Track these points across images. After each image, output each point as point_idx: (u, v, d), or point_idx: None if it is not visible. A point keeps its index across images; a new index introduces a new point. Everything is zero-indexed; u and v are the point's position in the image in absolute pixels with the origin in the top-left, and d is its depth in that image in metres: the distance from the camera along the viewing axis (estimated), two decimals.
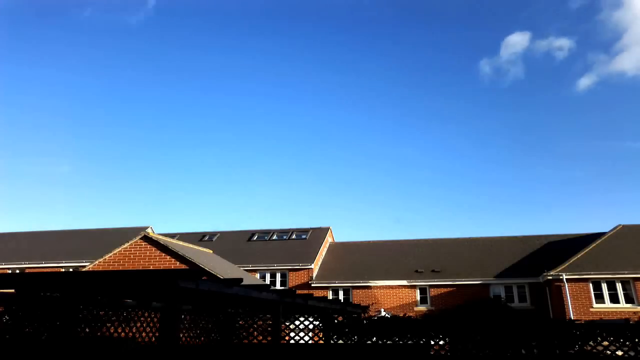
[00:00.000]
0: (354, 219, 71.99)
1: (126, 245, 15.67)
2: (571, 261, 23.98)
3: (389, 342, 8.16)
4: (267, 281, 28.83)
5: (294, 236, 34.01)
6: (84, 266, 17.14)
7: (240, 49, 74.14)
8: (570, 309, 22.81)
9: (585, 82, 65.83)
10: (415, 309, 26.37)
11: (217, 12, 73.67)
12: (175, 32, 73.59)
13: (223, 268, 17.18)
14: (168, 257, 15.22)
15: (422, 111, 70.99)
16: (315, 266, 29.66)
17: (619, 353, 7.39)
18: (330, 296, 27.68)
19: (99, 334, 7.42)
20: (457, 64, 68.61)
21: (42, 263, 30.72)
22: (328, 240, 33.79)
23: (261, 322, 9.17)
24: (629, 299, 22.95)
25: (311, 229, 34.61)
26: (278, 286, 28.58)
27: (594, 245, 25.06)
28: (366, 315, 9.36)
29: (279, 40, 75.08)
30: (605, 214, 65.31)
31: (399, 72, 71.18)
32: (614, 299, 23.06)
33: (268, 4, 73.27)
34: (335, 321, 8.93)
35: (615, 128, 63.75)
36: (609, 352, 7.41)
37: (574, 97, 66.33)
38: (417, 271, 28.13)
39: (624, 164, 63.23)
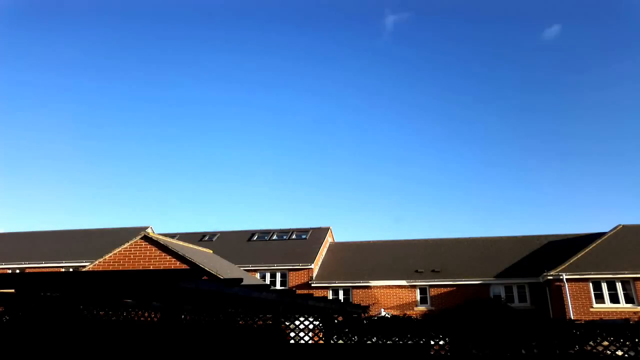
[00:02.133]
0: (354, 219, 72.04)
1: (126, 245, 15.65)
2: (571, 261, 23.98)
3: (389, 342, 8.15)
4: (267, 281, 28.83)
5: (294, 236, 34.01)
6: (84, 266, 17.13)
7: (240, 47, 74.16)
8: (570, 309, 22.81)
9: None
10: (415, 309, 26.37)
11: (218, 10, 73.65)
12: (173, 30, 73.58)
13: (223, 268, 17.17)
14: (168, 257, 15.21)
15: (422, 111, 71.02)
16: (315, 266, 29.65)
17: (619, 353, 7.39)
18: (330, 296, 27.67)
19: None
20: (456, 63, 68.63)
21: (42, 263, 30.71)
22: (328, 240, 33.78)
23: (261, 322, 9.16)
24: (629, 299, 22.95)
25: (311, 229, 34.61)
26: (278, 286, 28.58)
27: (594, 245, 25.05)
28: (366, 315, 9.35)
29: (279, 38, 75.08)
30: (605, 214, 65.33)
31: (399, 72, 71.17)
32: (614, 299, 23.05)
33: (271, 2, 73.26)
34: (335, 321, 8.92)
35: (615, 128, 63.74)
36: (609, 352, 7.40)
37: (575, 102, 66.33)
38: (417, 271, 28.12)
39: (623, 164, 63.22)
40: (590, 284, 23.27)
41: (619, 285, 23.11)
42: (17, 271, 30.56)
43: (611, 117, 62.76)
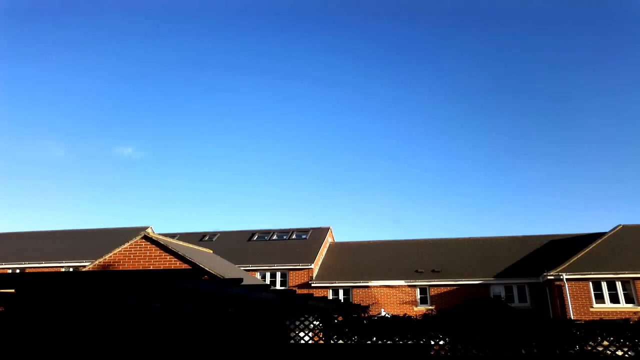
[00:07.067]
0: (354, 219, 72.03)
1: (126, 245, 15.63)
2: (571, 261, 23.98)
3: (389, 342, 8.15)
4: (267, 281, 28.82)
5: (294, 236, 34.01)
6: (84, 266, 17.13)
7: (240, 47, 74.17)
8: (571, 309, 22.81)
9: None
10: (415, 309, 26.36)
11: (217, 10, 73.63)
12: (173, 30, 73.56)
13: (223, 268, 17.16)
14: (168, 257, 15.19)
15: (422, 112, 71.03)
16: (315, 266, 29.65)
17: (619, 353, 7.39)
18: (330, 296, 27.68)
19: None
20: (456, 65, 68.63)
21: (42, 263, 30.71)
22: (328, 240, 33.77)
23: (261, 322, 9.16)
24: (629, 299, 22.95)
25: (311, 229, 34.61)
26: (278, 286, 28.58)
27: (594, 245, 25.06)
28: (366, 315, 9.35)
29: (279, 38, 75.08)
30: (605, 214, 65.31)
31: (398, 72, 71.18)
32: (614, 299, 23.06)
33: (272, 2, 73.25)
34: (335, 321, 8.92)
35: (615, 129, 63.77)
36: (609, 352, 7.40)
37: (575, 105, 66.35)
38: (417, 271, 28.13)
39: (623, 164, 63.21)
40: (591, 284, 23.27)
41: (619, 285, 23.11)
42: (17, 271, 30.57)
43: (611, 118, 62.78)
